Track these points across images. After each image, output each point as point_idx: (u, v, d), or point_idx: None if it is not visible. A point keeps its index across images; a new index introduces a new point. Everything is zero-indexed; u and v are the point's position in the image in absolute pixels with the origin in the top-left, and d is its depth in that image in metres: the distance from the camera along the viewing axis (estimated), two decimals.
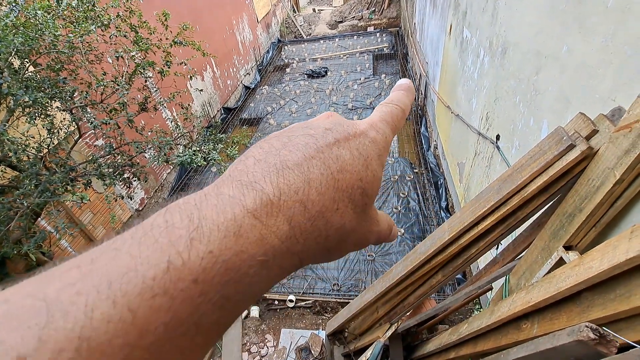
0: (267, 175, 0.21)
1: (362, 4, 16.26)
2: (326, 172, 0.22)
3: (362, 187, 0.24)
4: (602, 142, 1.07)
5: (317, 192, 0.21)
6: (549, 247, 1.24)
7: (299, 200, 0.21)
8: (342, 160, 0.23)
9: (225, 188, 0.21)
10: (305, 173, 0.22)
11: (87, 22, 3.26)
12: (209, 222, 0.18)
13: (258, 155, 0.23)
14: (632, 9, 1.43)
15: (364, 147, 0.25)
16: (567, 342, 0.65)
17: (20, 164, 3.08)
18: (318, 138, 0.24)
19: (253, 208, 0.19)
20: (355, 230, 0.24)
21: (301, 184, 0.21)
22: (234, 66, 10.60)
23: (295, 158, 0.22)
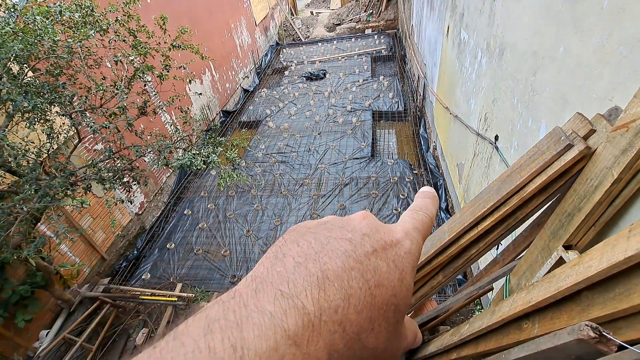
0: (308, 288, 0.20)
1: (359, 7, 16.34)
2: (364, 286, 0.21)
3: (395, 304, 0.22)
4: (599, 141, 1.08)
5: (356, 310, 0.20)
6: (549, 246, 1.25)
7: (339, 321, 0.19)
8: (379, 273, 0.22)
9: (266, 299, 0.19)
10: (346, 288, 0.20)
11: (85, 27, 3.28)
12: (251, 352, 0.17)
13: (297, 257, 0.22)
14: (627, 9, 1.44)
15: (399, 259, 0.24)
16: (568, 341, 0.66)
17: (20, 169, 3.08)
18: (357, 245, 0.23)
19: (295, 333, 0.18)
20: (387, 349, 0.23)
21: (341, 301, 0.20)
22: (232, 69, 10.63)
23: (336, 267, 0.21)
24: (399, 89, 9.51)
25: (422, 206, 0.32)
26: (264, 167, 7.25)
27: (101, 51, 3.74)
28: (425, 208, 0.31)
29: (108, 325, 4.54)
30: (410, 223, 0.29)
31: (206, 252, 5.57)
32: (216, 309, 0.19)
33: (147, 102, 4.10)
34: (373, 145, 7.47)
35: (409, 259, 0.25)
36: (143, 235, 6.18)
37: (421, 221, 0.29)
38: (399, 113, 8.53)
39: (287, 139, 8.11)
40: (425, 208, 0.31)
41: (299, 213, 5.97)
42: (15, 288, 4.11)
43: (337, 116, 8.67)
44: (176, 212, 6.61)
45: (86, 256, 5.22)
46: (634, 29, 1.40)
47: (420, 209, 0.31)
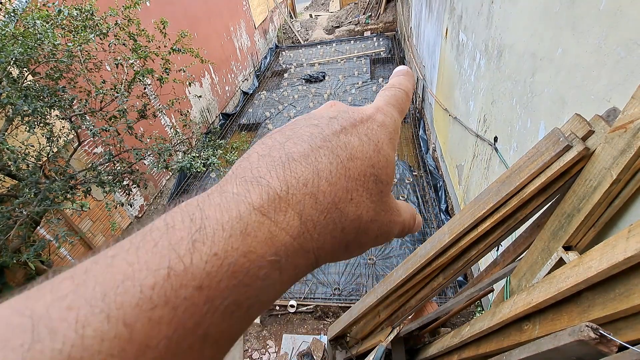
0: (272, 170, 0.20)
1: (358, 9, 16.42)
2: (335, 160, 0.21)
3: (375, 174, 0.22)
4: (598, 142, 1.08)
5: (328, 182, 0.20)
6: (549, 247, 1.25)
7: (309, 192, 0.19)
8: (351, 147, 0.22)
9: (229, 186, 0.19)
10: (313, 164, 0.20)
11: (85, 30, 3.29)
12: (212, 221, 0.17)
13: (261, 151, 0.22)
14: (624, 11, 1.45)
15: (372, 132, 0.24)
16: (569, 342, 0.66)
17: (20, 173, 3.08)
18: (323, 127, 0.23)
19: (259, 204, 0.18)
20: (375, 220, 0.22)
21: (310, 175, 0.20)
22: (232, 72, 10.66)
23: (301, 149, 0.21)
24: None
25: (395, 83, 0.31)
26: None
27: (101, 55, 3.75)
28: (398, 84, 0.31)
29: None
30: (383, 100, 0.28)
31: None
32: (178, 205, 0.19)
33: (147, 105, 4.11)
34: None
35: (384, 130, 0.25)
36: None
37: (394, 96, 0.29)
38: None
39: None
40: (398, 84, 0.31)
41: None
42: (14, 292, 4.09)
43: None
44: None
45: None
46: (631, 30, 1.41)
47: (392, 86, 0.31)
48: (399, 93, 0.30)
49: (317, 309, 4.50)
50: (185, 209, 0.18)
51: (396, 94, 0.29)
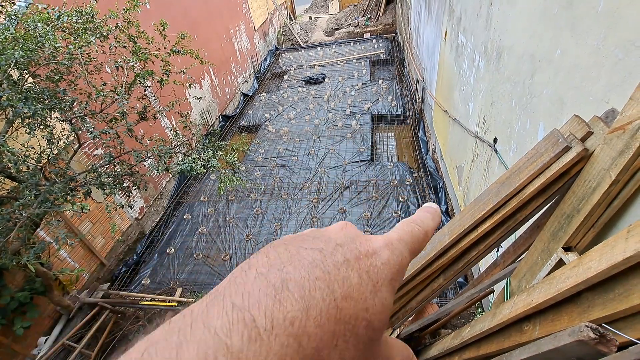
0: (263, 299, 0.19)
1: (358, 11, 16.48)
2: (329, 298, 0.20)
3: (367, 319, 0.21)
4: (597, 143, 1.09)
5: (316, 323, 0.19)
6: (549, 248, 1.25)
7: (294, 334, 0.18)
8: (348, 284, 0.21)
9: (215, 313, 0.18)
10: (306, 298, 0.19)
11: (86, 33, 3.31)
12: None
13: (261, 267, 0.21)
14: (621, 13, 1.46)
15: (374, 270, 0.22)
16: (568, 342, 0.66)
17: (20, 175, 3.08)
18: (327, 255, 0.22)
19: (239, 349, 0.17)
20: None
21: (298, 312, 0.19)
22: (232, 74, 10.68)
23: (299, 277, 0.20)
24: (397, 92, 9.56)
25: (418, 218, 0.30)
26: (263, 171, 7.26)
27: (101, 57, 3.76)
28: (420, 221, 0.29)
29: (107, 331, 4.51)
30: (397, 233, 0.27)
31: (206, 257, 5.55)
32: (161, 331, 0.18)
33: (147, 107, 4.12)
34: (372, 149, 7.49)
35: (386, 270, 0.23)
36: (143, 240, 6.16)
37: (411, 233, 0.28)
38: (398, 116, 8.56)
39: (286, 143, 8.12)
40: (420, 221, 0.29)
41: (299, 217, 5.96)
42: (14, 295, 4.09)
43: (336, 120, 8.70)
44: (176, 216, 6.60)
45: (85, 262, 5.20)
46: (629, 32, 1.41)
47: (414, 221, 0.29)
48: (417, 232, 0.28)
49: None
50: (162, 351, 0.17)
51: (414, 231, 0.28)
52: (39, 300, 4.42)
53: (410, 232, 0.28)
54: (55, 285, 4.46)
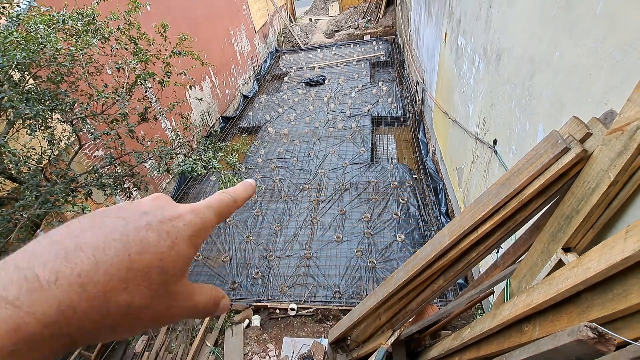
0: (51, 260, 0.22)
1: (358, 14, 16.53)
2: (123, 254, 0.23)
3: (161, 267, 0.25)
4: (596, 144, 1.09)
5: (105, 272, 0.22)
6: (548, 249, 1.26)
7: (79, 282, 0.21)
8: (145, 242, 0.24)
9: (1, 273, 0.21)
10: (98, 255, 0.22)
11: (87, 35, 3.32)
12: None
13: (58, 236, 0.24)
14: (619, 16, 1.47)
15: (175, 230, 0.26)
16: (568, 342, 0.66)
17: (21, 176, 3.09)
18: (129, 222, 0.25)
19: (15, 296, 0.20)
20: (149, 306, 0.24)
21: (88, 266, 0.22)
22: (232, 76, 10.71)
23: (94, 240, 0.23)
24: (397, 94, 9.58)
25: (230, 190, 0.34)
26: (263, 173, 7.27)
27: (102, 58, 3.78)
28: (233, 191, 0.34)
29: None
30: (206, 201, 0.31)
31: (206, 258, 5.55)
32: None
33: (148, 109, 4.13)
34: (372, 150, 7.50)
35: (187, 229, 0.27)
36: None
37: (219, 200, 0.32)
38: (398, 118, 8.57)
39: (286, 145, 8.13)
40: (233, 191, 0.34)
41: (299, 218, 5.96)
42: None
43: (336, 121, 8.71)
44: None
45: None
46: (627, 34, 1.42)
47: (226, 192, 0.34)
48: (226, 198, 0.32)
49: (317, 312, 4.49)
50: None
51: (222, 198, 0.32)
52: None
53: (219, 199, 0.32)
54: None
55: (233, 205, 0.33)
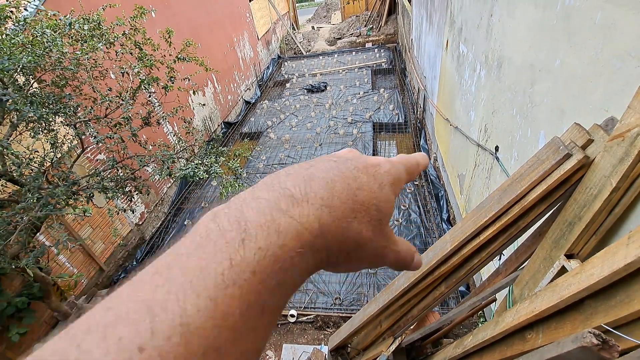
0: (296, 185, 0.25)
1: (360, 22, 16.73)
2: (347, 187, 0.26)
3: (376, 204, 0.27)
4: (597, 151, 1.09)
5: (340, 200, 0.25)
6: (551, 256, 1.25)
7: (325, 204, 0.24)
8: (360, 181, 0.27)
9: (261, 192, 0.24)
10: (329, 185, 0.25)
11: (93, 40, 3.36)
12: (253, 223, 0.22)
13: (289, 170, 0.27)
14: (618, 25, 1.49)
15: (379, 174, 0.29)
16: (572, 349, 0.65)
17: (22, 178, 3.10)
18: (340, 163, 0.28)
19: (287, 208, 0.23)
20: (372, 239, 0.27)
21: (325, 192, 0.25)
22: (234, 82, 10.80)
23: (322, 174, 0.26)
24: (399, 101, 9.64)
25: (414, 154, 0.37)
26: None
27: (107, 63, 3.82)
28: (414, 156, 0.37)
29: None
30: (397, 157, 0.34)
31: None
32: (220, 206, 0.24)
33: (151, 113, 4.16)
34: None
35: (387, 176, 0.29)
36: (143, 246, 6.14)
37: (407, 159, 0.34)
38: (400, 125, 8.61)
39: (288, 150, 8.16)
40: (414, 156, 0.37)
41: None
42: (11, 300, 4.05)
43: (338, 128, 8.75)
44: (176, 222, 6.59)
45: (84, 267, 5.18)
46: (626, 42, 1.44)
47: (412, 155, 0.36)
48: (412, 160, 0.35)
49: (317, 319, 4.45)
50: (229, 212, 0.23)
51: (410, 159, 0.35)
52: (36, 306, 4.38)
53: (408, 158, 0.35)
54: (53, 290, 4.43)
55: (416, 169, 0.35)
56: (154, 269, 0.19)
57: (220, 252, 0.20)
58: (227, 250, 0.20)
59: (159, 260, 0.20)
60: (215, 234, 0.21)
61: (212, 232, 0.21)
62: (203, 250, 0.20)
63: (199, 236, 0.21)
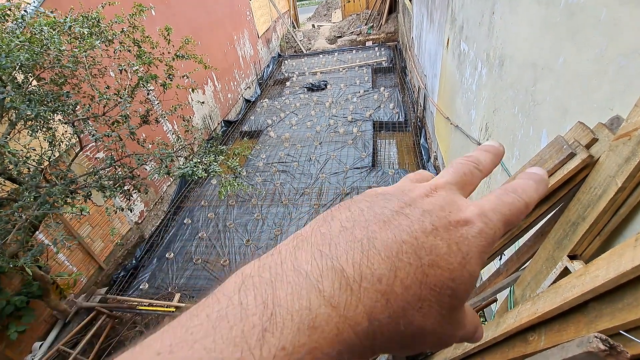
0: (350, 252, 0.19)
1: (360, 20, 16.68)
2: (416, 263, 0.20)
3: (452, 288, 0.20)
4: (602, 150, 1.07)
5: (402, 284, 0.19)
6: (553, 256, 1.23)
7: (382, 290, 0.19)
8: (436, 253, 0.20)
9: (304, 258, 0.20)
10: (393, 259, 0.19)
11: (91, 37, 3.34)
12: (283, 309, 0.17)
13: (345, 221, 0.21)
14: (624, 22, 1.46)
15: (465, 242, 0.22)
16: (577, 353, 0.64)
17: (20, 177, 3.08)
18: (414, 221, 0.21)
19: (330, 294, 0.18)
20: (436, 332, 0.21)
21: (386, 271, 0.19)
22: (234, 80, 10.77)
23: (385, 238, 0.20)
24: (399, 99, 9.60)
25: (519, 187, 0.25)
26: (264, 177, 7.26)
27: (105, 61, 3.80)
28: (522, 190, 0.25)
29: (104, 337, 4.45)
30: (493, 203, 0.24)
31: (205, 262, 5.51)
32: (252, 266, 0.20)
33: (150, 111, 4.13)
34: (374, 155, 7.49)
35: (478, 243, 0.22)
36: (142, 244, 6.13)
37: (509, 204, 0.24)
38: (400, 123, 8.58)
39: (288, 149, 8.14)
40: (522, 190, 0.25)
41: (299, 222, 5.93)
42: (10, 298, 4.05)
43: (338, 126, 8.72)
44: (176, 221, 6.58)
45: (84, 265, 5.17)
46: (632, 40, 1.41)
47: (514, 190, 0.25)
48: (518, 203, 0.24)
49: None
50: (259, 284, 0.19)
51: (514, 202, 0.24)
52: (36, 305, 4.37)
53: (511, 204, 0.24)
54: (52, 289, 4.42)
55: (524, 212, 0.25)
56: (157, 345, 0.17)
57: (233, 345, 0.16)
58: (240, 345, 0.16)
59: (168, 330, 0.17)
60: (234, 315, 0.17)
61: (231, 309, 0.17)
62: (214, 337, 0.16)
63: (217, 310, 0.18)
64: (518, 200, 0.24)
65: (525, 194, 0.25)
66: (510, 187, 0.25)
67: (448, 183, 0.26)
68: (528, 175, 0.27)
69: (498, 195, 0.25)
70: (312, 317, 0.17)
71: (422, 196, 0.24)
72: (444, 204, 0.23)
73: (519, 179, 0.27)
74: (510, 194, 0.25)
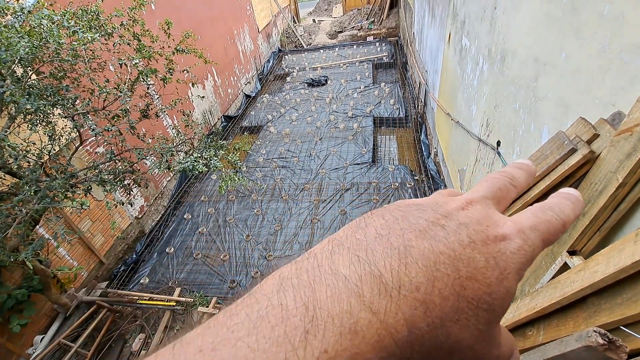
0: (387, 258, 0.19)
1: (361, 15, 16.54)
2: (453, 274, 0.19)
3: (489, 303, 0.20)
4: (603, 146, 1.07)
5: (441, 295, 0.18)
6: (553, 252, 1.23)
7: (420, 299, 0.18)
8: (474, 266, 0.20)
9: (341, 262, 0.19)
10: (431, 269, 0.19)
11: (90, 31, 3.31)
12: (324, 312, 0.17)
13: (380, 228, 0.21)
14: (627, 17, 1.45)
15: (502, 257, 0.21)
16: (576, 348, 0.64)
17: (20, 171, 3.08)
18: (449, 232, 0.21)
19: (370, 300, 0.18)
20: (472, 348, 0.20)
21: (424, 280, 0.18)
22: (234, 75, 10.71)
23: (422, 247, 0.20)
24: (400, 95, 9.56)
25: (556, 206, 0.25)
26: (264, 172, 7.25)
27: (105, 54, 3.77)
28: (560, 210, 0.25)
29: (104, 331, 4.48)
30: (531, 220, 0.24)
31: (205, 257, 5.53)
32: (289, 268, 0.20)
33: (150, 105, 4.12)
34: (374, 151, 7.48)
35: (516, 258, 0.21)
36: (142, 239, 6.15)
37: (547, 222, 0.24)
38: (400, 119, 8.55)
39: (288, 144, 8.12)
40: (560, 210, 0.25)
41: (299, 218, 5.94)
42: (11, 292, 4.07)
43: (338, 122, 8.70)
44: (176, 216, 6.59)
45: (84, 260, 5.19)
46: (634, 35, 1.40)
47: (552, 209, 0.25)
48: (555, 222, 0.24)
49: None
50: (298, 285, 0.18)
51: (551, 221, 0.24)
52: (37, 298, 4.40)
53: (548, 222, 0.24)
54: (53, 283, 4.44)
55: (561, 231, 0.24)
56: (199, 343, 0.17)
57: (275, 347, 0.16)
58: (283, 345, 0.16)
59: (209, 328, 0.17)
60: (275, 316, 0.17)
61: (272, 309, 0.17)
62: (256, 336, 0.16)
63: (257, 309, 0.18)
64: (556, 219, 0.24)
65: (563, 213, 0.25)
66: (547, 206, 0.25)
67: (484, 197, 0.25)
68: (564, 195, 0.27)
69: (535, 212, 0.24)
70: (353, 321, 0.17)
71: (458, 209, 0.23)
72: (480, 218, 0.23)
73: (554, 198, 0.27)
74: (547, 211, 0.25)
